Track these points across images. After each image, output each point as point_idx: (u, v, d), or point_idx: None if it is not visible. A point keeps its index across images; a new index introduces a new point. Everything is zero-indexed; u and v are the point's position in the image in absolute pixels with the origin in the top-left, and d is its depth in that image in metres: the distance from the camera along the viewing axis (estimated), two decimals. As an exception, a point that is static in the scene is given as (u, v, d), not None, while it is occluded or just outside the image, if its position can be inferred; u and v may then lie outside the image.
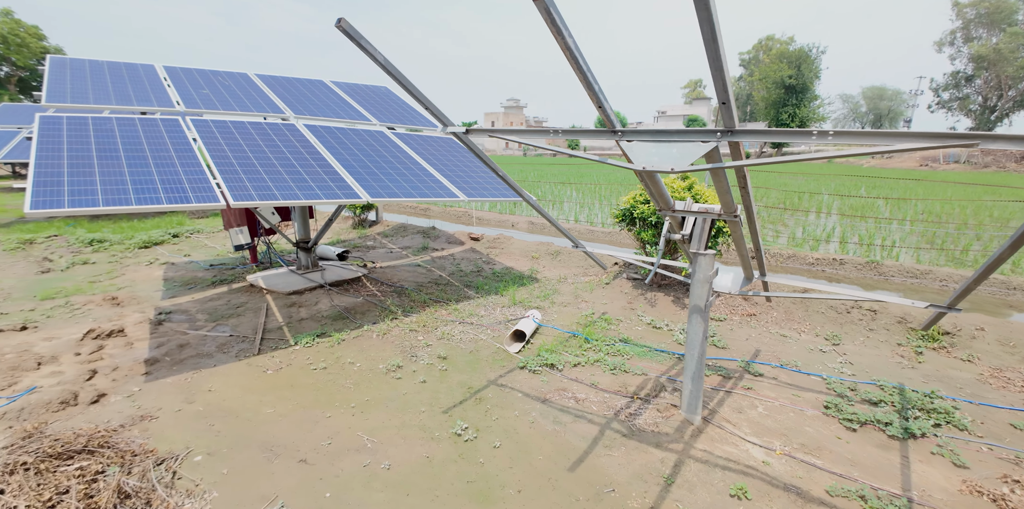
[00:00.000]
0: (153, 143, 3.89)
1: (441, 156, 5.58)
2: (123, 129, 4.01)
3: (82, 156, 3.41)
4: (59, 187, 2.97)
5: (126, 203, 2.99)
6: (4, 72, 36.57)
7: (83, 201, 2.89)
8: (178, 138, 4.09)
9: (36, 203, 2.75)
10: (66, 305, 4.90)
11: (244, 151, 4.19)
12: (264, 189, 3.63)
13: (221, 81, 5.87)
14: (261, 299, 5.00)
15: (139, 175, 3.36)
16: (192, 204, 3.17)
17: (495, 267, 6.46)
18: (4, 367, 3.33)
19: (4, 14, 35.04)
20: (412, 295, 5.15)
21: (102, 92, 4.62)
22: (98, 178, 3.19)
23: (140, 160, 3.57)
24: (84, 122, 3.98)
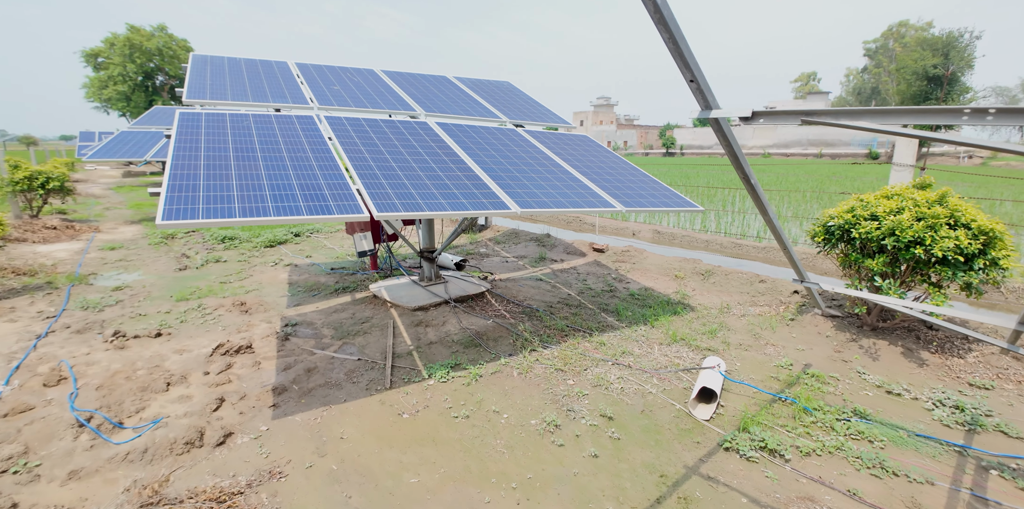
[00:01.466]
0: (289, 142, 3.51)
1: (581, 157, 4.81)
2: (259, 126, 3.69)
3: (219, 156, 3.07)
4: (194, 193, 2.60)
5: (264, 213, 2.54)
6: (159, 81, 41.98)
7: (219, 210, 2.48)
8: (314, 136, 3.71)
9: (169, 212, 2.36)
10: (199, 308, 4.81)
11: (381, 152, 3.71)
12: (406, 197, 3.08)
13: (350, 78, 5.57)
14: (386, 314, 4.56)
15: (276, 179, 2.95)
16: (334, 216, 2.67)
17: (630, 286, 5.58)
18: (135, 387, 3.08)
19: (159, 30, 40.17)
20: (545, 319, 4.44)
21: (239, 89, 4.42)
22: (235, 182, 2.80)
23: (277, 161, 3.18)
24: (222, 119, 3.71)
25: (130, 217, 10.36)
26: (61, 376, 3.14)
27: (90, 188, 16.23)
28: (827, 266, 6.51)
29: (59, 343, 3.86)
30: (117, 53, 38.23)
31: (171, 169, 2.80)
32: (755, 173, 14.36)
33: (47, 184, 9.09)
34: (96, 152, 9.34)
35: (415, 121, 4.66)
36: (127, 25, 38.57)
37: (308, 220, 2.62)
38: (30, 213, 9.34)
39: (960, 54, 42.47)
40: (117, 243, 7.75)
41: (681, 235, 8.25)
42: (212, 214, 2.43)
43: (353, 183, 3.16)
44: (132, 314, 4.64)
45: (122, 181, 19.22)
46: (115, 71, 38.28)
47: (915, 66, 43.78)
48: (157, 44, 38.99)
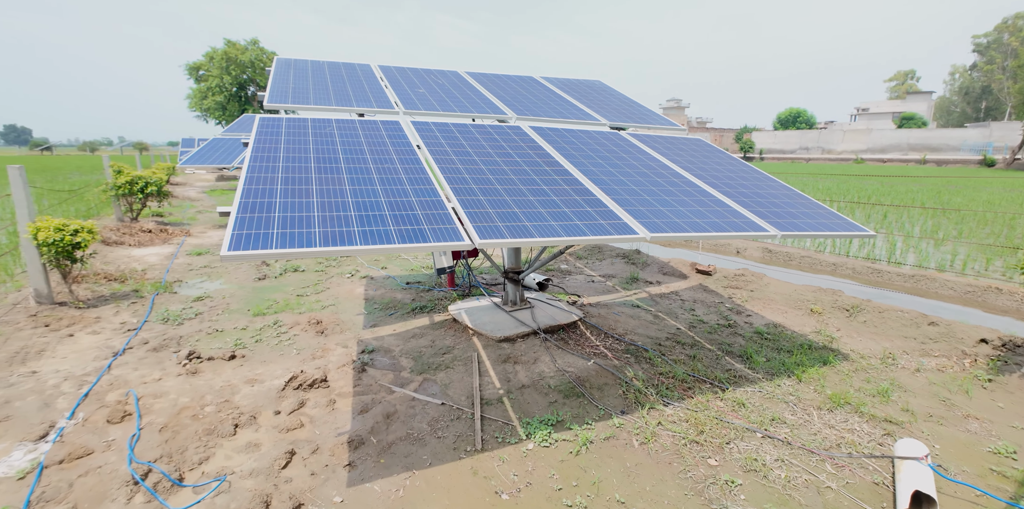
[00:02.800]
0: (375, 150, 3.05)
1: (703, 165, 4.02)
2: (343, 133, 3.27)
3: (299, 168, 2.64)
4: (269, 213, 2.15)
5: (348, 241, 2.04)
6: (250, 91, 45.18)
7: (297, 236, 2.00)
8: (401, 144, 3.23)
9: (237, 239, 1.91)
10: (274, 326, 4.53)
11: (474, 161, 3.17)
12: (510, 218, 2.49)
13: (434, 80, 5.13)
14: (469, 344, 4.02)
15: (362, 194, 2.46)
16: (430, 244, 2.13)
17: (753, 321, 4.69)
18: (201, 430, 2.70)
19: (252, 43, 43.22)
20: (657, 363, 3.70)
21: (322, 92, 4.07)
22: (316, 200, 2.34)
23: (363, 173, 2.71)
24: (303, 124, 3.33)
25: (219, 221, 10.72)
26: (126, 411, 2.83)
27: (187, 191, 17.36)
28: (1004, 303, 5.23)
29: (133, 364, 3.64)
30: (216, 66, 41.58)
31: (245, 183, 2.39)
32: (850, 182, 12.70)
33: (146, 188, 9.54)
34: (190, 158, 9.70)
35: (506, 125, 4.11)
36: (225, 40, 41.91)
37: (399, 250, 2.10)
38: (130, 216, 9.85)
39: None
40: (204, 248, 7.87)
41: (799, 255, 7.13)
42: (288, 242, 1.96)
43: (448, 201, 2.62)
44: (209, 329, 4.43)
45: (215, 184, 20.50)
46: (213, 83, 41.63)
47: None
48: (250, 57, 41.98)
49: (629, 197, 3.05)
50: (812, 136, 60.72)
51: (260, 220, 2.09)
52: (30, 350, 3.82)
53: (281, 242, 1.96)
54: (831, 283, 5.94)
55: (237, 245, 1.88)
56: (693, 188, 3.43)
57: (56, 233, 4.55)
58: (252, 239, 1.95)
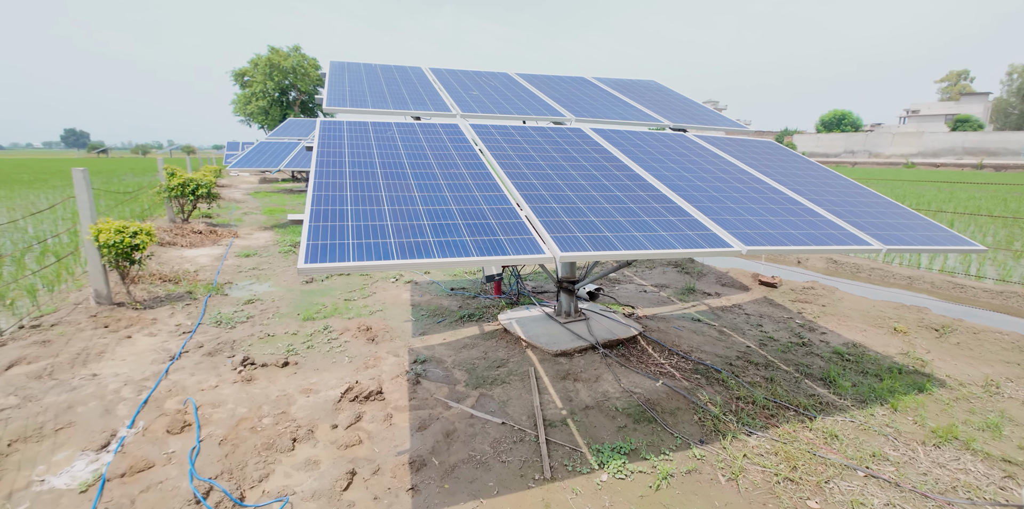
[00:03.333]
0: (438, 154, 2.91)
1: (782, 169, 3.73)
2: (404, 136, 3.15)
3: (366, 173, 2.53)
4: (341, 222, 2.02)
5: (426, 252, 1.89)
6: (292, 96, 46.56)
7: (373, 248, 1.87)
8: (463, 147, 3.09)
9: (314, 250, 1.78)
10: (324, 331, 4.47)
11: (540, 166, 2.99)
12: (588, 228, 2.30)
13: (486, 82, 5.00)
14: (523, 357, 3.84)
15: (432, 202, 2.32)
16: (510, 257, 1.96)
17: (828, 339, 4.33)
18: (260, 444, 2.61)
19: (294, 50, 44.54)
20: (732, 385, 3.42)
21: (378, 95, 3.98)
22: (387, 207, 2.21)
23: (429, 179, 2.57)
24: (364, 128, 3.23)
25: (264, 223, 10.93)
26: (185, 421, 2.77)
27: (233, 193, 17.89)
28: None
29: (190, 369, 3.62)
30: (260, 72, 43.03)
31: (314, 189, 2.28)
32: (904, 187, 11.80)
33: (197, 191, 9.80)
34: (239, 161, 9.92)
35: (566, 127, 3.92)
36: (268, 47, 43.32)
37: (478, 262, 1.93)
38: (182, 217, 10.14)
39: None
40: (251, 250, 7.99)
41: (869, 267, 6.65)
42: (365, 254, 1.83)
43: (520, 209, 2.45)
44: (261, 334, 4.40)
45: (259, 187, 21.09)
46: (257, 88, 43.09)
47: None
48: (292, 63, 43.27)
49: (712, 205, 2.81)
50: (858, 139, 58.16)
51: (334, 229, 1.96)
52: (91, 351, 3.86)
53: (358, 253, 1.82)
54: (910, 299, 5.49)
55: (313, 257, 1.75)
56: (778, 195, 3.16)
57: (116, 235, 4.62)
58: (328, 250, 1.82)
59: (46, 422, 2.77)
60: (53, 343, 3.94)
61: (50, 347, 3.86)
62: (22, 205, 12.90)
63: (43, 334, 4.12)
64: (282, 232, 9.62)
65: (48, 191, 16.88)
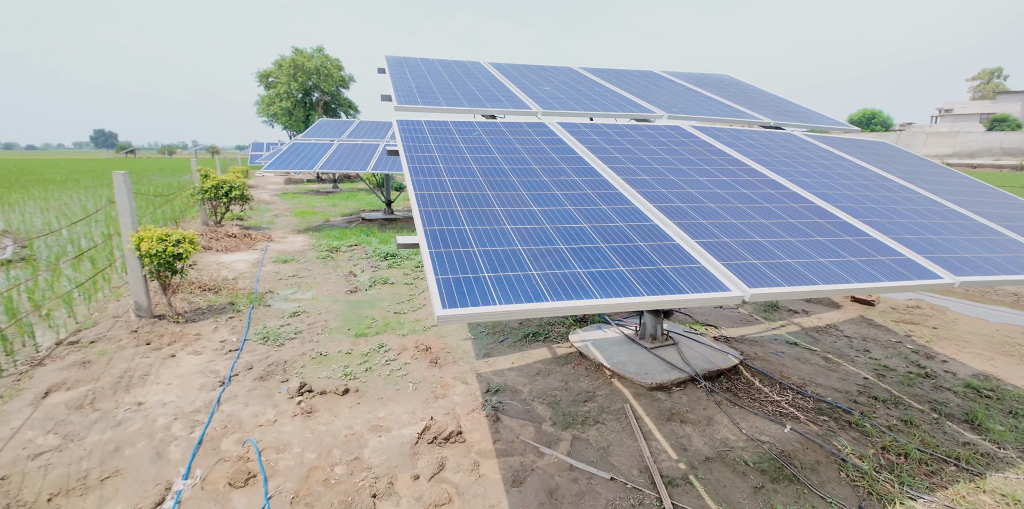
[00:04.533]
0: (538, 158, 2.47)
1: (921, 175, 3.19)
2: (493, 138, 2.72)
3: (468, 183, 2.10)
4: (465, 247, 1.60)
5: (582, 291, 1.46)
6: (315, 97, 46.76)
7: (514, 284, 1.45)
8: (562, 149, 2.64)
9: (449, 292, 1.35)
10: (380, 350, 4.08)
11: (658, 170, 2.53)
12: (761, 253, 1.83)
13: (554, 77, 4.54)
14: (611, 389, 3.38)
15: (558, 218, 1.88)
16: (687, 296, 1.51)
17: (952, 369, 3.78)
18: (337, 502, 2.20)
19: (318, 51, 44.69)
20: (871, 431, 2.91)
21: (447, 92, 3.56)
22: (509, 226, 1.78)
23: (539, 187, 2.14)
24: (445, 128, 2.81)
25: (296, 225, 10.66)
26: (249, 471, 2.38)
27: (261, 194, 17.79)
28: None
29: (243, 397, 3.24)
30: (284, 73, 43.31)
31: (419, 203, 1.86)
32: None
33: (230, 193, 9.56)
34: (273, 163, 9.65)
35: (665, 126, 3.45)
36: (292, 48, 43.58)
37: (650, 304, 1.48)
38: (214, 220, 9.92)
39: None
40: (288, 255, 7.67)
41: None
42: (510, 292, 1.39)
43: (664, 225, 1.98)
44: (312, 353, 4.02)
45: (285, 188, 21.01)
46: (281, 89, 43.37)
47: None
48: (315, 64, 43.45)
49: (881, 220, 2.31)
50: (890, 139, 56.22)
51: (460, 258, 1.53)
52: (134, 374, 3.52)
53: (500, 292, 1.38)
54: (1007, 315, 4.87)
55: (450, 299, 1.32)
56: (938, 207, 2.64)
57: (158, 243, 4.29)
58: (463, 289, 1.38)
59: (91, 469, 2.40)
60: (93, 364, 3.61)
61: (90, 369, 3.53)
62: (55, 206, 12.88)
63: (82, 353, 3.80)
64: (317, 236, 9.32)
65: (80, 191, 16.98)
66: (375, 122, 12.42)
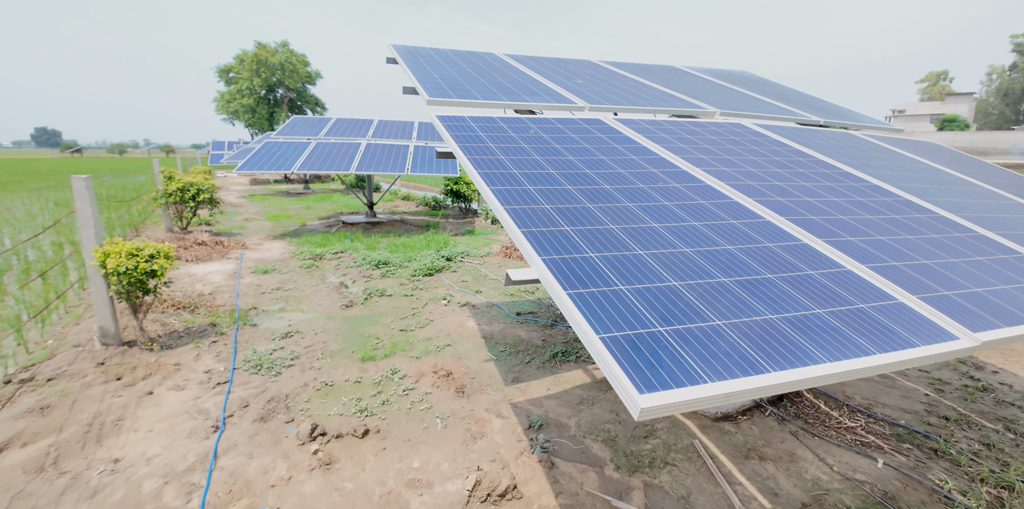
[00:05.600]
0: (619, 161, 2.09)
1: (997, 179, 2.96)
2: (556, 137, 2.32)
3: (556, 192, 1.69)
4: (610, 285, 1.21)
5: (805, 357, 1.07)
6: (279, 94, 44.93)
7: (712, 347, 1.05)
8: (639, 150, 2.26)
9: (633, 363, 0.94)
10: (394, 378, 3.60)
11: (758, 175, 2.20)
12: (943, 281, 1.51)
13: (579, 69, 4.16)
14: (669, 420, 3.03)
15: (694, 239, 1.50)
16: (918, 352, 1.12)
17: (1006, 380, 3.61)
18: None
19: (282, 46, 42.96)
20: (962, 461, 2.64)
21: (478, 85, 3.12)
22: (642, 251, 1.37)
23: (644, 198, 1.76)
24: (496, 126, 2.38)
25: (271, 231, 9.91)
26: (275, 560, 1.89)
27: (226, 196, 16.73)
28: None
29: (244, 446, 2.72)
30: (246, 69, 41.43)
31: (516, 221, 1.43)
32: None
33: (198, 196, 8.77)
34: (246, 163, 8.89)
35: (729, 123, 3.11)
36: (255, 42, 41.73)
37: (888, 367, 1.10)
38: (181, 226, 9.09)
39: None
40: (268, 264, 7.02)
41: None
42: (714, 364, 1.00)
43: (819, 246, 1.61)
44: (316, 383, 3.51)
45: (252, 189, 19.91)
46: (243, 85, 41.48)
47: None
48: (280, 59, 41.75)
49: (1016, 232, 2.02)
50: (849, 139, 58.64)
51: (611, 302, 1.12)
52: (106, 420, 2.93)
53: (699, 362, 0.98)
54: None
55: (645, 379, 0.91)
56: (1044, 217, 2.38)
57: (128, 260, 3.67)
58: (648, 357, 0.98)
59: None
60: (54, 409, 3.00)
61: (51, 416, 2.92)
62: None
63: (39, 394, 3.17)
64: (296, 242, 8.64)
65: (24, 195, 15.55)
66: (354, 119, 11.74)
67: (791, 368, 0.99)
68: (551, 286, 1.14)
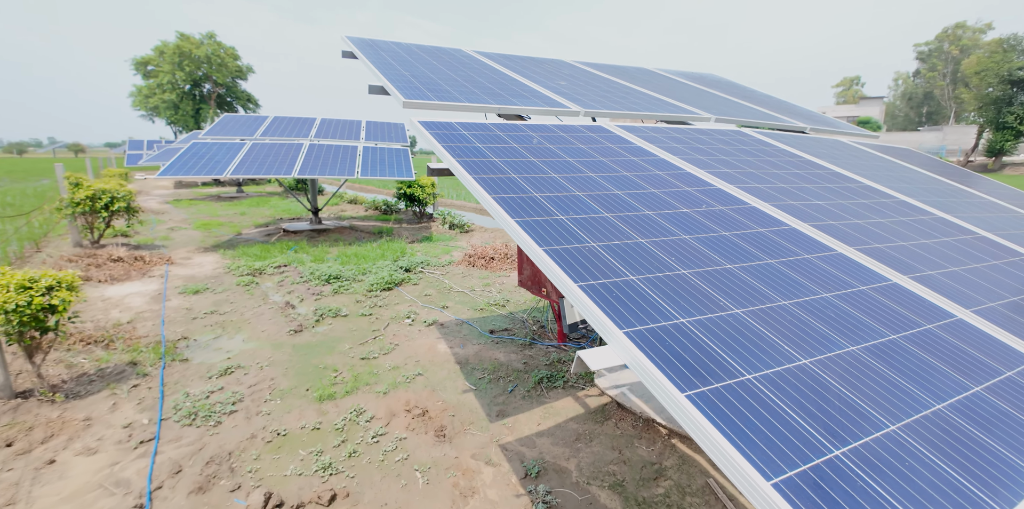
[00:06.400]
0: (647, 177, 1.77)
1: (986, 187, 2.92)
2: (564, 148, 1.97)
3: (594, 223, 1.36)
4: (683, 336, 0.86)
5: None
6: (206, 89, 41.74)
7: (915, 484, 0.68)
8: (657, 162, 1.97)
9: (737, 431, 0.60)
10: (359, 420, 3.13)
11: (793, 193, 1.96)
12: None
13: (556, 69, 3.85)
14: (677, 454, 2.76)
15: (776, 283, 1.24)
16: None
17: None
18: None
19: (208, 37, 39.94)
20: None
21: (455, 84, 2.72)
22: (738, 311, 1.04)
23: (687, 222, 1.46)
24: (493, 135, 2.00)
25: (200, 242, 8.92)
26: None
27: (147, 202, 15.13)
28: None
29: (179, 533, 2.17)
30: (167, 61, 38.14)
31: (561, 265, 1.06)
32: None
33: (111, 205, 7.70)
34: (171, 167, 7.93)
35: (732, 130, 2.90)
36: (177, 33, 38.51)
37: None
38: (91, 239, 7.96)
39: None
40: (199, 282, 6.21)
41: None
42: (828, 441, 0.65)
43: (915, 287, 1.36)
44: (267, 434, 2.97)
45: (177, 193, 18.21)
46: (164, 79, 38.17)
47: (999, 69, 39.91)
48: (206, 52, 38.77)
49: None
50: (776, 141, 62.51)
51: (682, 355, 0.78)
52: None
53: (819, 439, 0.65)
54: None
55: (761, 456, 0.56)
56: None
57: (19, 294, 2.95)
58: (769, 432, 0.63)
59: None
60: (-92, 501, 2.30)
61: (-98, 512, 2.23)
62: None
63: None
64: (231, 254, 7.77)
65: None
66: (293, 118, 10.85)
67: None
68: (610, 332, 0.78)
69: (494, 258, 7.29)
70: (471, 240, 9.12)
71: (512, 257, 7.42)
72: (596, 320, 0.92)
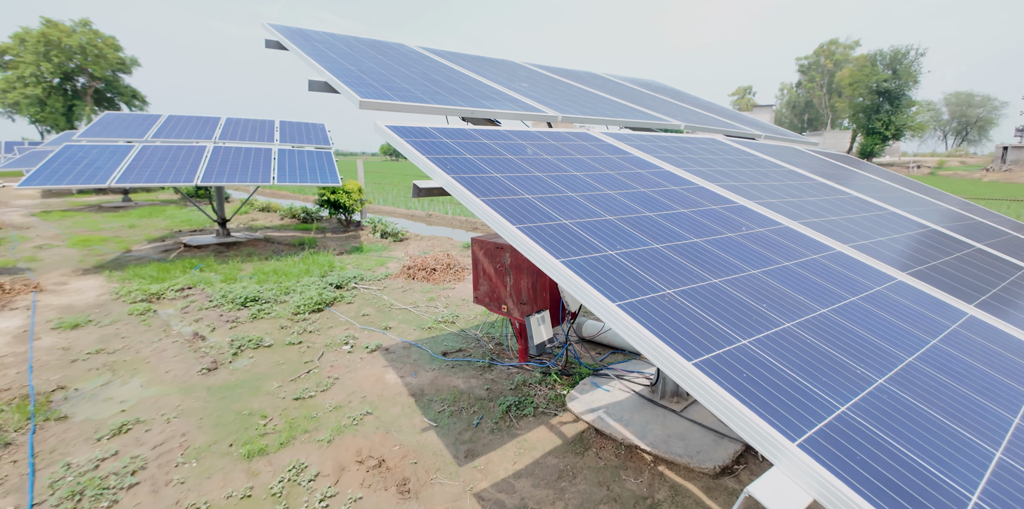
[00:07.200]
0: (663, 192, 1.54)
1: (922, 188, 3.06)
2: (564, 159, 1.68)
3: (649, 259, 1.04)
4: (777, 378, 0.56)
5: None
6: (81, 84, 36.66)
7: None
8: (660, 174, 1.75)
9: None
10: (299, 480, 2.62)
11: (802, 205, 1.78)
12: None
13: (510, 70, 3.59)
14: (667, 485, 2.57)
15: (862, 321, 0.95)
16: None
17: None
18: None
19: (82, 24, 35.17)
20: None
21: (412, 82, 2.33)
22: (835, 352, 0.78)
23: (733, 247, 1.20)
24: (479, 144, 1.67)
25: (79, 262, 7.55)
26: None
27: (7, 215, 12.76)
28: None
29: None
30: (29, 51, 32.99)
31: (606, 293, 0.75)
32: None
33: (-45, 220, 6.24)
34: (36, 175, 6.62)
35: (708, 138, 2.76)
36: (42, 19, 33.45)
37: None
38: (-74, 263, 6.41)
39: (907, 70, 44.88)
40: (79, 313, 5.16)
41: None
42: None
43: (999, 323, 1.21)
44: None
45: (46, 203, 15.60)
46: (26, 71, 32.99)
47: (868, 80, 45.82)
48: (79, 41, 34.09)
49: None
50: (683, 146, 67.29)
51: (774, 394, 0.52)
52: None
53: None
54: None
55: None
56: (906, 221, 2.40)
57: None
58: None
59: None
60: None
61: None
62: None
63: None
64: (119, 276, 6.61)
65: None
66: (193, 117, 9.60)
67: None
68: None
69: (436, 269, 6.84)
70: (407, 249, 8.56)
71: (455, 267, 7.01)
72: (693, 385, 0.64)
